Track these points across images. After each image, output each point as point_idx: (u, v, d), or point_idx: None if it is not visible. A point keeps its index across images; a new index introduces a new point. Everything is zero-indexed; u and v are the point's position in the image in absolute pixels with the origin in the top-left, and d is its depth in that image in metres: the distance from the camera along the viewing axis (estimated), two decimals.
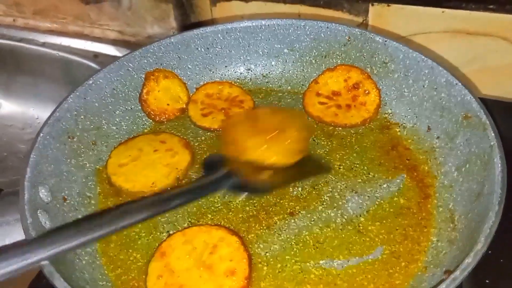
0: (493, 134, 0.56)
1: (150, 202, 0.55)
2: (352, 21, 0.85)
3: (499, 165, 0.52)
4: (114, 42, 1.02)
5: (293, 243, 0.58)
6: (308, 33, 0.75)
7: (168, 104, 0.74)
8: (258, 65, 0.78)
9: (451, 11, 0.79)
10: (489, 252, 0.56)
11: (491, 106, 0.64)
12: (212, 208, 0.62)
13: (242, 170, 0.58)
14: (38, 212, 0.55)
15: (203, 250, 0.56)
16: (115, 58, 0.96)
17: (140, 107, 0.73)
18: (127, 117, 0.73)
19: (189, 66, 0.77)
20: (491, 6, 0.76)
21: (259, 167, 0.57)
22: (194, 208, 0.62)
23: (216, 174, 0.59)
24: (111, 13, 1.00)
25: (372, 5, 0.83)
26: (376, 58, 0.71)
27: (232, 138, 0.60)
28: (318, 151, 0.68)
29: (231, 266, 0.54)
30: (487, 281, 0.57)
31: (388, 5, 0.82)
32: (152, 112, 0.73)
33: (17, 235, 0.56)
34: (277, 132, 0.58)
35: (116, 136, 0.71)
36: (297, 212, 0.61)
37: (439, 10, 0.79)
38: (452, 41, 0.82)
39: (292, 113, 0.69)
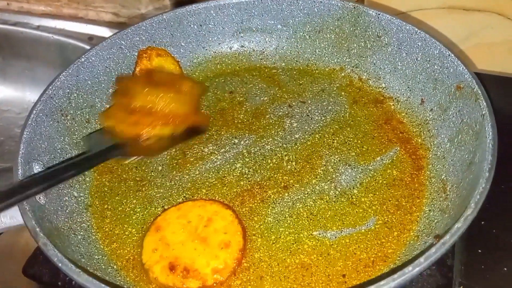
0: (484, 104, 0.55)
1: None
2: None
3: (490, 133, 0.52)
4: (108, 24, 1.02)
5: (287, 215, 0.58)
6: (301, 8, 0.74)
7: None
8: (252, 41, 0.78)
9: None
10: (482, 222, 0.57)
11: (487, 80, 0.63)
12: (207, 183, 0.62)
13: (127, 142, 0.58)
14: None
15: (197, 223, 0.56)
16: None
17: None
18: None
19: (182, 44, 0.76)
20: None
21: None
22: (189, 184, 0.63)
23: (103, 147, 0.58)
24: None
25: None
26: (370, 32, 0.71)
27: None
28: (312, 126, 0.68)
29: (226, 238, 0.55)
30: (479, 250, 0.57)
31: None
32: None
33: (14, 212, 0.56)
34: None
35: None
36: (291, 186, 0.61)
37: None
38: (448, 17, 0.81)
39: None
